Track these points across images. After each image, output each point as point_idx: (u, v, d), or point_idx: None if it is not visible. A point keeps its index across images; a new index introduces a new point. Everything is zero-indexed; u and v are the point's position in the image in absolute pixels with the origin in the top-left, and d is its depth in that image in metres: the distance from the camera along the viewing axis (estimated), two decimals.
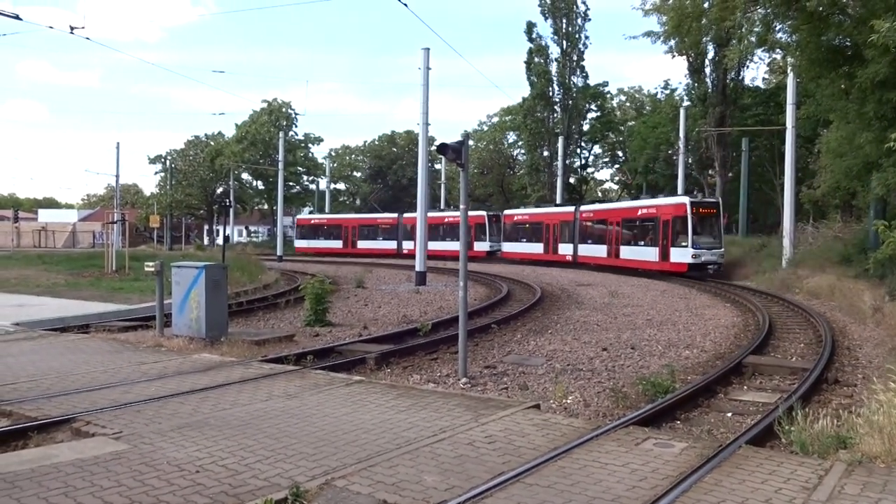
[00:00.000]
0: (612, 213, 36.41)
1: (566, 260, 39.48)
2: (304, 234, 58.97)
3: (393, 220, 54.71)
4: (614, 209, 37.17)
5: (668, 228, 30.55)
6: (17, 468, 4.94)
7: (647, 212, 33.03)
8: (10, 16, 14.16)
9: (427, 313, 17.53)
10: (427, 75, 27.49)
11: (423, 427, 6.14)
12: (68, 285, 22.28)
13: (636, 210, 34.24)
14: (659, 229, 31.12)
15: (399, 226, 53.25)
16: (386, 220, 55.68)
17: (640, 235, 33.44)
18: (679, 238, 30.07)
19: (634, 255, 33.32)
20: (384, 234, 54.63)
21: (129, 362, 9.15)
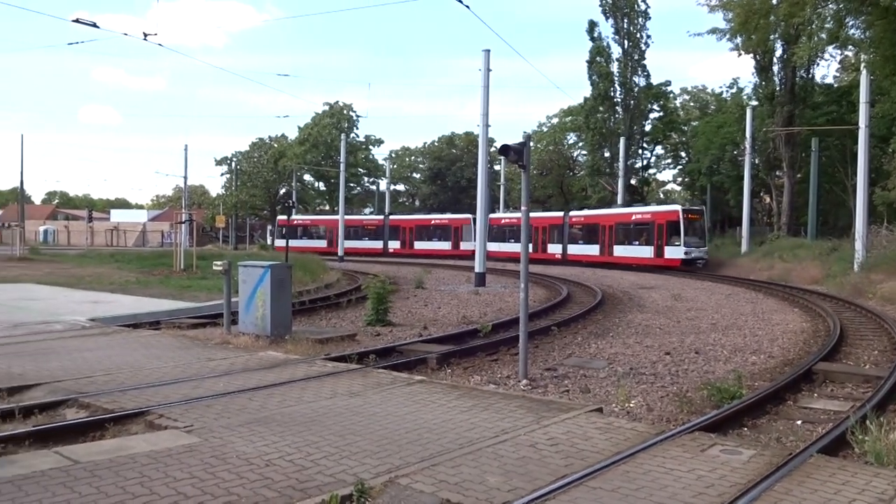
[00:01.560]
0: (603, 218, 42.87)
1: (555, 258, 45.03)
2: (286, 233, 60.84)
3: (379, 222, 58.11)
4: (606, 214, 43.48)
5: (662, 231, 37.37)
6: (96, 458, 5.16)
7: (641, 217, 39.75)
8: (89, 24, 14.78)
9: (487, 314, 17.54)
10: (487, 77, 27.51)
11: (485, 428, 6.16)
12: (139, 283, 23.08)
13: (630, 215, 40.86)
14: (654, 231, 37.82)
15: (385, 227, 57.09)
16: (372, 222, 59.43)
17: (634, 236, 39.72)
18: (673, 238, 36.92)
19: (628, 253, 39.61)
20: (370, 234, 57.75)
21: (198, 358, 9.43)
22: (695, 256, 36.68)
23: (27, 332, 11.40)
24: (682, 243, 36.47)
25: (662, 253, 37.36)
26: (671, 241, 37.08)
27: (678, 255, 36.51)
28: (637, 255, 38.87)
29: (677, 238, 36.75)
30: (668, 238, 37.16)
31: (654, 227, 37.90)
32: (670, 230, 37.26)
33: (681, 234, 36.63)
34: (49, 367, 8.52)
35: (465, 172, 76.47)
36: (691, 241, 36.94)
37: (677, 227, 36.82)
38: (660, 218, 38.03)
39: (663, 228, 37.40)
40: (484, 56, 27.39)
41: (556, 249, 45.78)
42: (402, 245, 56.35)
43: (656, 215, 38.47)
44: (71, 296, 18.28)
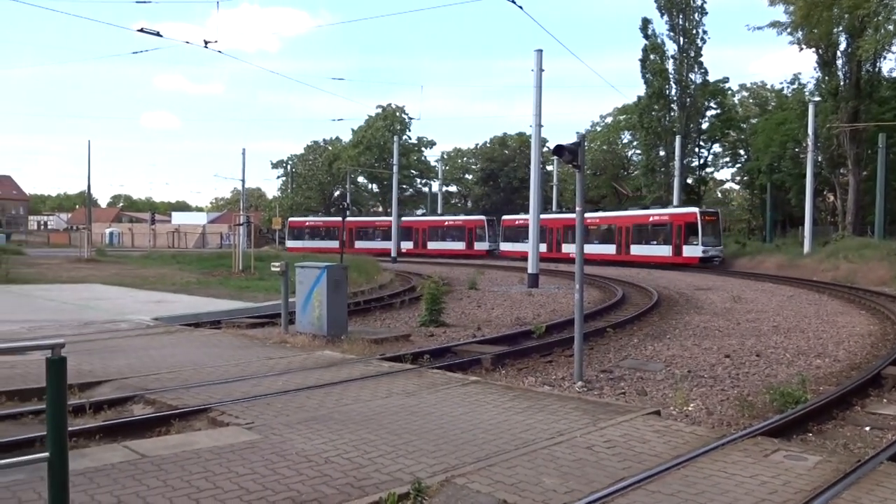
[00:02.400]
0: (619, 219, 45.31)
1: (570, 257, 44.87)
2: (297, 234, 63.63)
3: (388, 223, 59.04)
4: (622, 216, 45.89)
5: (681, 231, 39.90)
6: (162, 452, 5.32)
7: (658, 218, 42.27)
8: (152, 33, 15.25)
9: (540, 315, 17.45)
10: (540, 77, 27.35)
11: (541, 429, 6.14)
12: (200, 284, 23.69)
13: (647, 217, 43.37)
14: (672, 232, 40.36)
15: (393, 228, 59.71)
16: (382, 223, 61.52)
17: (651, 236, 42.26)
18: (690, 238, 39.50)
19: (646, 252, 41.94)
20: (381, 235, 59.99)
21: (257, 357, 9.63)
22: (711, 255, 39.40)
23: (96, 330, 11.82)
24: (699, 242, 39.18)
25: (681, 252, 39.89)
26: (689, 240, 39.69)
27: (696, 253, 39.17)
28: (655, 254, 41.05)
29: (695, 238, 39.32)
30: (686, 238, 39.84)
31: (673, 227, 40.60)
32: (688, 230, 39.88)
33: (698, 234, 39.26)
34: (116, 365, 8.82)
35: (517, 173, 76.19)
36: (708, 241, 39.63)
37: (695, 228, 39.43)
38: (678, 219, 40.61)
39: (681, 229, 40.00)
40: (536, 56, 27.25)
41: (570, 249, 46.77)
42: (415, 245, 58.40)
43: (674, 217, 41.04)
44: (136, 296, 18.88)
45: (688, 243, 39.70)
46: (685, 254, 39.67)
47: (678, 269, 37.81)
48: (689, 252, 39.54)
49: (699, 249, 39.20)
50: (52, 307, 15.57)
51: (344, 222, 42.16)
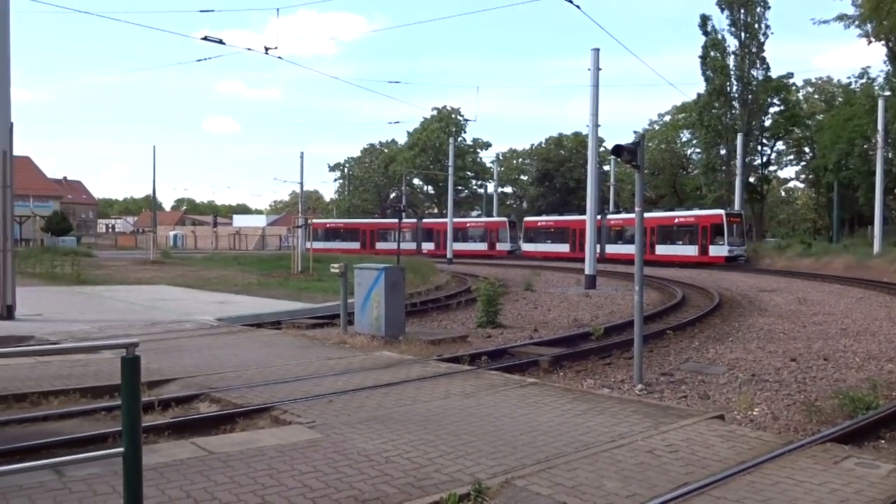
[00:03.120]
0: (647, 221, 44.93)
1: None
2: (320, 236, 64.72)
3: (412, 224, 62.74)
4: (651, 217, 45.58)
5: (707, 231, 42.24)
6: (228, 449, 5.46)
7: (684, 220, 44.92)
8: (215, 41, 15.67)
9: (598, 317, 17.26)
10: (597, 76, 27.08)
11: (601, 432, 6.08)
12: (260, 285, 24.20)
13: (673, 219, 45.96)
14: (699, 232, 42.67)
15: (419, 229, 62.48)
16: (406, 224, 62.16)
17: (677, 237, 44.48)
18: (717, 238, 41.73)
19: (671, 252, 43.83)
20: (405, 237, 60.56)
21: (317, 357, 9.79)
22: (736, 254, 41.81)
23: (162, 330, 12.20)
24: (725, 242, 41.42)
25: (707, 251, 42.21)
26: (715, 240, 41.95)
27: (722, 252, 41.37)
28: (680, 254, 43.12)
29: (721, 238, 41.53)
30: (712, 238, 42.14)
31: (699, 228, 42.93)
32: (714, 231, 42.16)
33: (724, 235, 41.49)
34: (183, 364, 9.08)
35: (573, 173, 75.51)
36: (734, 241, 41.97)
37: (721, 229, 41.64)
38: (704, 221, 43.08)
39: (707, 230, 42.33)
40: (593, 55, 26.99)
41: None
42: (437, 247, 59.06)
43: (700, 218, 43.64)
44: (199, 296, 19.40)
45: (714, 243, 41.98)
46: (711, 253, 41.83)
47: (731, 271, 37.53)
48: (715, 252, 41.68)
49: (725, 249, 41.33)
50: (121, 308, 16.13)
51: (400, 224, 42.73)
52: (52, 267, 28.16)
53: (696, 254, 42.50)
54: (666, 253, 43.98)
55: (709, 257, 41.78)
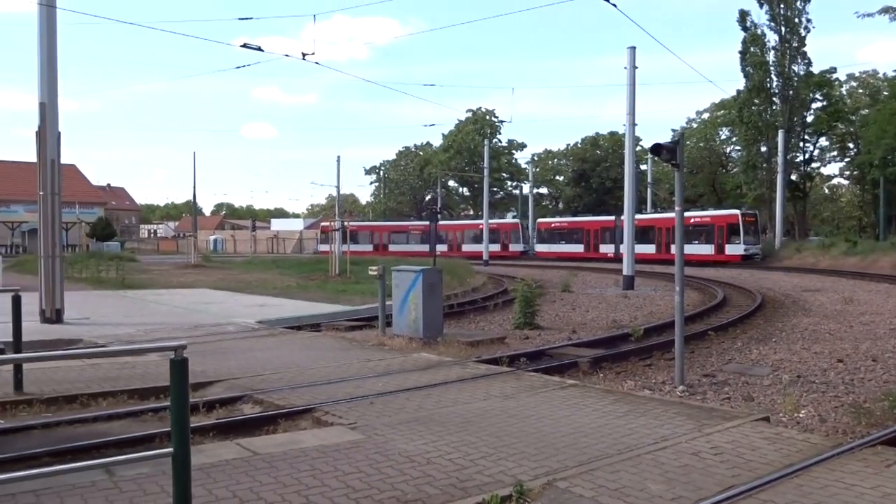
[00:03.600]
0: (659, 221, 47.97)
1: (608, 256, 49.91)
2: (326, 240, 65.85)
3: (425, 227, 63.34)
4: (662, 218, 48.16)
5: (723, 231, 43.69)
6: (272, 450, 5.54)
7: (700, 220, 45.62)
8: (254, 48, 15.87)
9: (637, 318, 17.08)
10: (633, 74, 26.82)
11: (644, 434, 6.02)
12: (299, 287, 24.46)
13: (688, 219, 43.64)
14: (715, 232, 43.90)
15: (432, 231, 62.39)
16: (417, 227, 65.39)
17: (693, 237, 44.26)
18: (733, 238, 43.18)
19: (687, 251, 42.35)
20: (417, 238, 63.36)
21: (357, 359, 9.86)
22: (752, 252, 43.36)
23: (205, 332, 12.41)
24: (741, 241, 43.01)
25: (723, 250, 43.59)
26: (731, 239, 43.44)
27: (738, 251, 42.83)
28: (697, 253, 43.26)
29: (737, 237, 43.07)
30: (728, 237, 43.56)
31: (715, 228, 44.20)
32: (730, 231, 43.57)
33: (740, 234, 43.09)
34: (226, 366, 9.22)
35: (609, 173, 74.87)
36: (749, 240, 43.65)
37: (737, 228, 43.19)
38: (720, 221, 44.51)
39: (723, 229, 43.71)
40: (629, 53, 26.74)
41: (608, 249, 51.39)
42: (451, 248, 61.07)
43: (716, 218, 45.00)
44: (240, 300, 19.68)
45: (730, 242, 43.44)
46: (728, 252, 43.26)
47: (772, 270, 37.27)
48: (731, 250, 43.20)
49: (741, 248, 42.99)
50: (165, 311, 16.44)
51: (434, 226, 43.07)
52: (98, 272, 28.83)
53: (712, 253, 43.75)
54: None
55: (725, 256, 43.04)
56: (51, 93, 13.58)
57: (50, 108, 13.53)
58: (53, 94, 13.63)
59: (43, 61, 13.52)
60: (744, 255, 42.85)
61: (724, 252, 43.50)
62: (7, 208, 63.43)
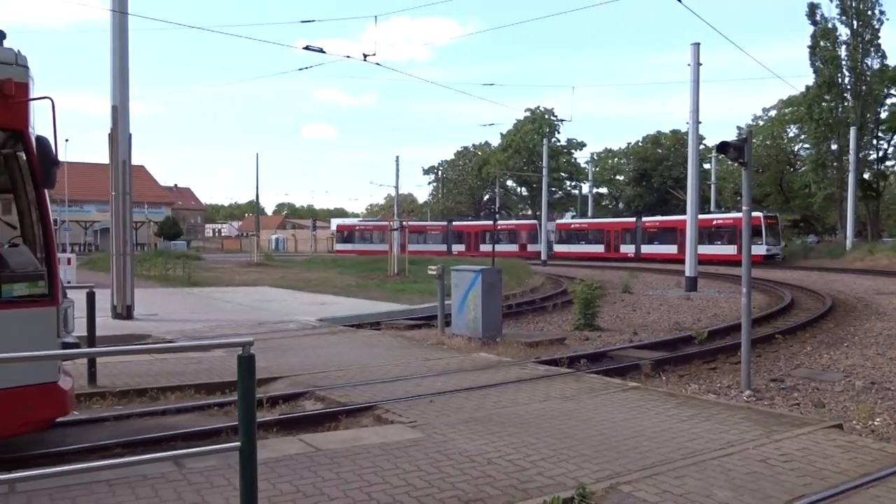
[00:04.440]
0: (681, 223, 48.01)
1: (628, 256, 52.50)
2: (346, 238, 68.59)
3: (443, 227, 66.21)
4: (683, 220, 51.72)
5: None
6: (334, 446, 5.61)
7: (723, 221, 47.92)
8: (317, 50, 16.11)
9: (701, 320, 16.70)
10: (697, 71, 26.22)
11: (709, 439, 5.87)
12: (358, 286, 24.73)
13: (711, 220, 47.98)
14: (737, 233, 43.96)
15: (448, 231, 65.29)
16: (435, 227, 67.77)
17: (715, 237, 47.09)
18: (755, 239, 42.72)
19: (709, 251, 45.29)
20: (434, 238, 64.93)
21: (416, 358, 9.92)
22: (773, 252, 45.59)
23: (268, 330, 12.66)
24: (763, 242, 44.46)
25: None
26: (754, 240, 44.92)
27: (760, 251, 43.68)
28: (719, 253, 45.79)
29: (759, 238, 43.95)
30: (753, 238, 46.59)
31: (738, 230, 44.60)
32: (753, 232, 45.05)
33: (763, 235, 44.45)
34: (288, 362, 9.39)
35: (672, 172, 73.28)
36: (770, 241, 45.67)
37: (759, 230, 44.13)
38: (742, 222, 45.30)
39: None
40: (693, 50, 26.16)
41: (628, 249, 53.96)
42: (468, 248, 62.23)
43: (738, 220, 45.07)
44: (301, 298, 20.01)
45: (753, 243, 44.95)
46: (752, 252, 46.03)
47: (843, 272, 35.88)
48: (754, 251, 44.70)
49: (764, 248, 44.48)
50: (229, 308, 16.84)
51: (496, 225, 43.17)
52: (165, 270, 29.74)
53: (735, 252, 45.14)
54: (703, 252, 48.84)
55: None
56: (122, 96, 14.07)
57: (122, 111, 14.01)
58: (125, 98, 14.12)
59: (115, 66, 14.02)
60: (766, 255, 44.40)
61: None
62: (80, 208, 66.01)
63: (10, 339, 5.11)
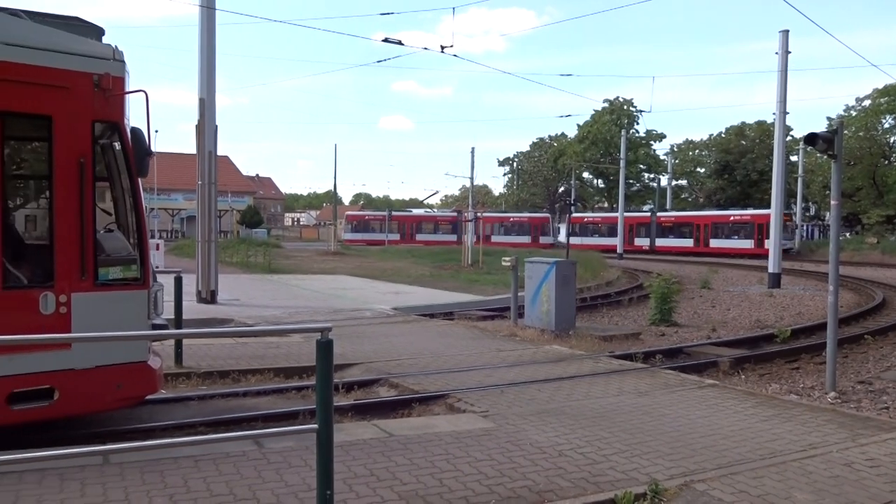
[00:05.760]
0: (696, 218, 55.49)
1: (643, 249, 54.92)
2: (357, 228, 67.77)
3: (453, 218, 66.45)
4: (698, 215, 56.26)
5: (763, 228, 47.46)
6: (407, 433, 5.70)
7: (740, 218, 52.00)
8: (395, 42, 16.30)
9: (783, 318, 16.13)
10: (785, 60, 25.20)
11: (790, 440, 5.70)
12: (432, 276, 24.94)
13: (728, 217, 53.04)
14: (754, 229, 49.50)
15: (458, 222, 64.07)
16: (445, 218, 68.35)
17: (732, 232, 51.51)
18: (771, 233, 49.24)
19: (726, 245, 51.15)
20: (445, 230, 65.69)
21: (488, 348, 9.96)
22: (787, 247, 46.44)
23: (344, 317, 12.93)
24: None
25: (763, 244, 46.90)
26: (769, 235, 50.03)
27: None
28: (736, 246, 50.00)
29: None
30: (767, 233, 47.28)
31: (755, 225, 49.62)
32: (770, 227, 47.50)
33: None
34: (363, 350, 9.58)
35: (756, 165, 70.72)
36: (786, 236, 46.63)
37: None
38: (759, 219, 49.32)
39: (763, 226, 47.64)
40: (781, 38, 25.15)
41: (642, 242, 56.42)
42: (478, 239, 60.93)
43: (755, 217, 50.45)
44: (376, 287, 20.33)
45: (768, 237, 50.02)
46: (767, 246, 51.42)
47: None
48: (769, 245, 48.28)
49: None
50: (307, 295, 17.27)
51: (570, 218, 43.08)
52: (247, 257, 30.71)
53: (752, 247, 49.39)
54: (719, 246, 51.78)
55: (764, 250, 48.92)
56: (209, 89, 14.58)
57: (208, 103, 14.52)
58: (212, 91, 14.63)
59: (203, 60, 14.53)
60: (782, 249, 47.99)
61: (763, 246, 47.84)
62: (168, 196, 68.79)
63: (105, 319, 5.41)
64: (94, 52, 5.48)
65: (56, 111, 5.27)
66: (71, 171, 5.31)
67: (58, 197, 5.32)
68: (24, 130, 5.84)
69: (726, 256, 48.39)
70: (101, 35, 5.83)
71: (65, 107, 5.30)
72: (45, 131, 5.35)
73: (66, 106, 5.30)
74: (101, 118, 5.55)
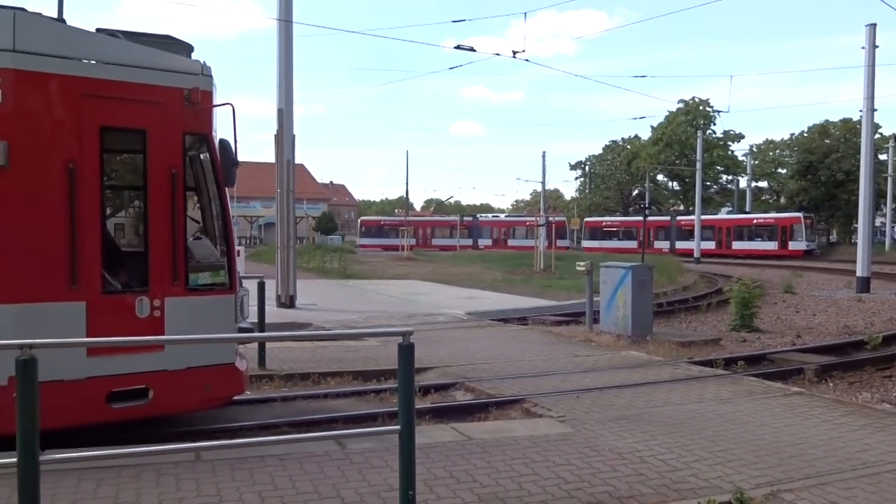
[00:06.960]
0: (718, 222, 56.94)
1: (662, 252, 52.99)
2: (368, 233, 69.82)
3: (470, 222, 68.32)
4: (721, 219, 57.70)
5: (787, 230, 51.76)
6: (484, 436, 5.75)
7: (763, 221, 54.37)
8: (467, 49, 16.40)
9: (874, 324, 15.43)
10: (873, 54, 24.12)
11: (883, 451, 5.47)
12: (505, 282, 24.92)
13: (751, 220, 55.25)
14: (779, 231, 52.08)
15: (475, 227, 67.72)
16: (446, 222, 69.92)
17: (756, 235, 53.67)
18: (795, 235, 51.47)
19: (749, 247, 52.98)
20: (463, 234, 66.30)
21: (563, 353, 9.91)
22: (811, 248, 51.14)
23: (418, 321, 13.08)
24: (804, 239, 50.62)
25: (787, 246, 51.11)
26: (794, 237, 51.42)
27: (801, 247, 50.09)
28: (759, 248, 51.93)
29: (800, 235, 50.76)
30: (791, 235, 51.80)
31: (779, 228, 52.22)
32: (794, 230, 51.86)
33: (803, 233, 50.79)
34: (438, 354, 9.68)
35: (841, 165, 67.62)
36: (809, 237, 51.87)
37: (800, 228, 50.88)
38: (783, 222, 52.81)
39: (787, 229, 51.76)
40: (868, 31, 24.10)
41: (662, 245, 57.37)
42: (494, 243, 64.96)
43: (779, 220, 53.44)
44: (448, 292, 20.47)
45: (793, 239, 51.43)
46: (791, 248, 51.02)
47: None
48: (794, 246, 50.85)
49: (804, 244, 50.34)
50: (382, 300, 17.54)
51: (645, 222, 42.03)
52: (323, 262, 31.40)
53: (776, 248, 51.27)
54: (742, 248, 53.43)
55: (788, 251, 50.64)
56: (287, 100, 15.01)
57: (286, 113, 14.96)
58: (290, 101, 15.06)
59: (281, 72, 14.98)
60: (805, 250, 49.98)
61: (787, 248, 51.08)
62: (247, 204, 70.94)
63: (195, 323, 5.66)
64: (185, 69, 5.75)
65: (150, 125, 5.56)
66: (164, 182, 5.59)
67: (152, 206, 5.61)
68: (120, 144, 6.17)
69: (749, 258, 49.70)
70: (191, 51, 6.12)
71: (158, 121, 5.58)
72: (139, 144, 5.64)
73: (159, 120, 5.58)
74: (190, 131, 5.82)
